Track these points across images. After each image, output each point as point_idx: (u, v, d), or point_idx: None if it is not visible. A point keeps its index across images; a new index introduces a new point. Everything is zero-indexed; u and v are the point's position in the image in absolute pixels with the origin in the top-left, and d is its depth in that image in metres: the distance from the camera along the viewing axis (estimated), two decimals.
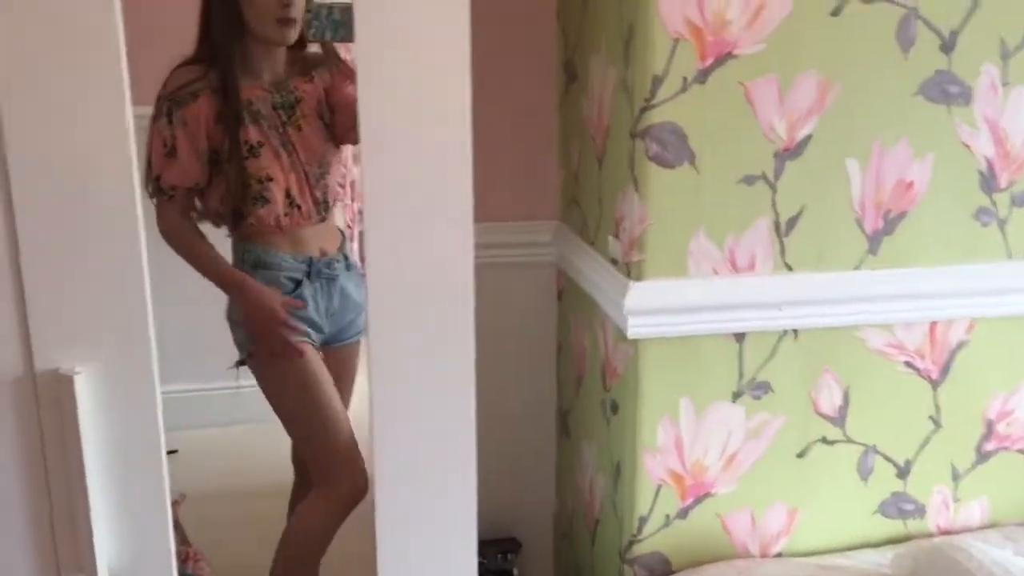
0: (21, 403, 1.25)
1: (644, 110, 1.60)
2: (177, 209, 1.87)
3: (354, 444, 1.97)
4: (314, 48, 1.93)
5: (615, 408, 1.83)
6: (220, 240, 1.98)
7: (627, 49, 1.64)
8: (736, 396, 1.74)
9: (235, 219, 1.89)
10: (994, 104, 1.68)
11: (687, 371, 1.71)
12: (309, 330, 1.95)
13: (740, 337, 1.72)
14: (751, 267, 1.69)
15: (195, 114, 1.80)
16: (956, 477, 1.86)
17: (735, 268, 1.68)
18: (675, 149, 1.61)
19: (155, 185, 1.84)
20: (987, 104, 1.68)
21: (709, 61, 1.58)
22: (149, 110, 1.85)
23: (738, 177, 1.64)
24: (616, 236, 1.75)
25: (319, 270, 1.93)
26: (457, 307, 1.39)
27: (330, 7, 1.63)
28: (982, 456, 1.86)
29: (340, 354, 2.04)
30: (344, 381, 2.07)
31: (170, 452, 3.13)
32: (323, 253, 1.95)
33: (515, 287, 2.22)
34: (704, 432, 1.74)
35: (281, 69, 1.88)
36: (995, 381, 1.83)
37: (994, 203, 1.73)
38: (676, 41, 1.56)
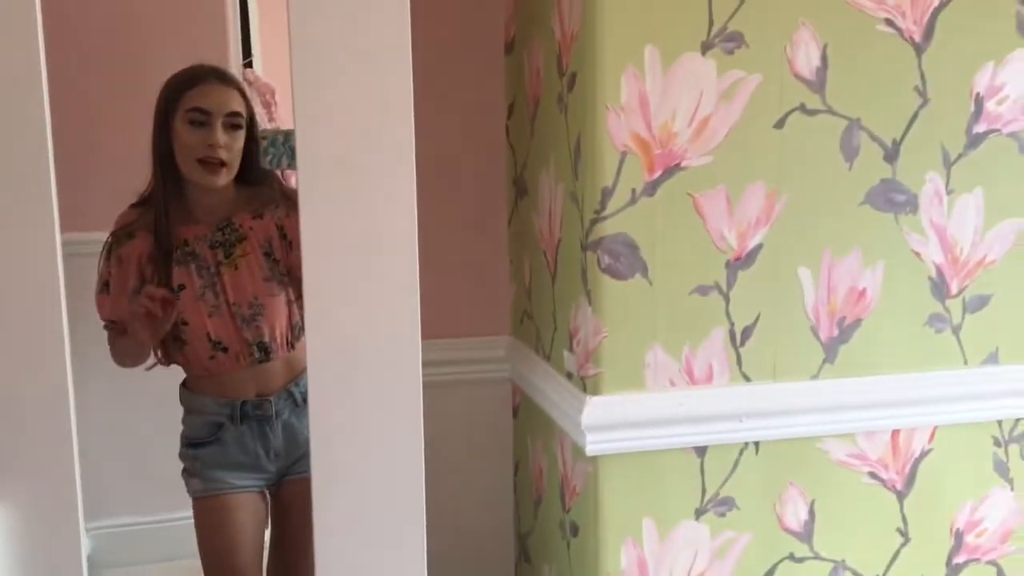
0: None
1: (594, 222, 1.58)
2: (117, 339, 1.87)
3: None
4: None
5: (575, 530, 1.75)
6: None
7: (575, 163, 1.64)
8: (700, 513, 1.68)
9: (168, 361, 1.89)
10: (940, 212, 1.70)
11: (648, 488, 1.65)
12: (225, 475, 1.87)
13: (701, 451, 1.67)
14: (709, 379, 1.65)
15: (129, 253, 1.81)
16: None
17: (692, 380, 1.65)
18: (627, 260, 1.59)
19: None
20: (933, 212, 1.69)
21: (657, 173, 1.58)
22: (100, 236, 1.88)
23: (691, 287, 1.62)
24: (571, 350, 1.71)
25: (247, 412, 1.86)
26: (405, 429, 1.34)
27: (287, 134, 1.59)
28: (953, 570, 1.81)
29: (295, 487, 1.92)
30: (301, 513, 1.94)
31: None
32: (260, 394, 1.87)
33: (470, 404, 2.16)
34: (669, 554, 1.67)
35: (227, 207, 1.84)
36: (961, 490, 1.79)
37: (947, 310, 1.72)
38: (624, 154, 1.57)
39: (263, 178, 1.87)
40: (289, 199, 1.87)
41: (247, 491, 1.91)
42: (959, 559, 1.81)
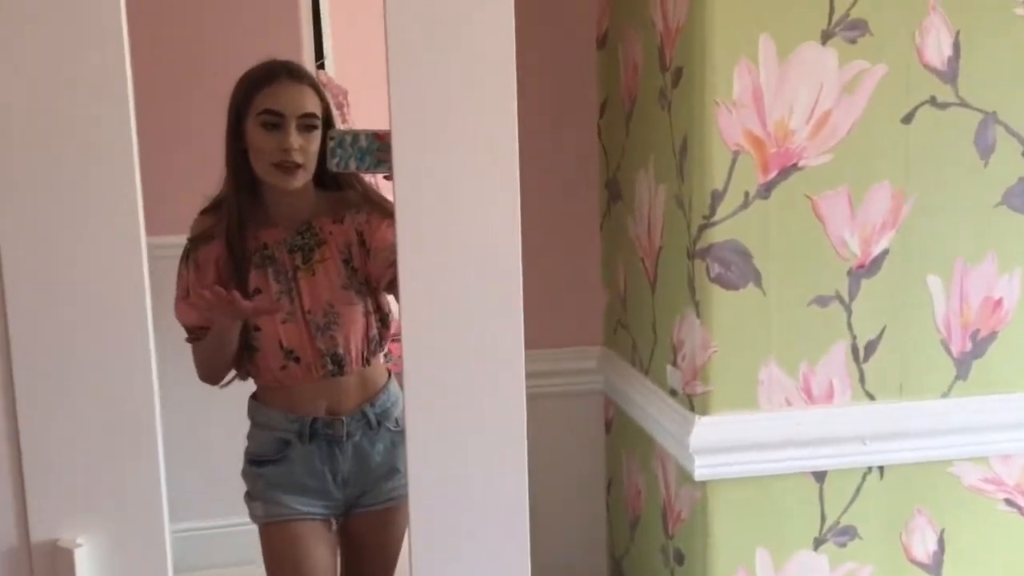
0: None
1: (703, 228, 1.46)
2: (196, 347, 1.77)
3: None
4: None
5: (680, 558, 1.63)
6: None
7: (681, 164, 1.53)
8: (819, 543, 1.55)
9: (241, 370, 1.78)
10: None
11: (762, 516, 1.53)
12: (290, 500, 1.73)
13: (820, 476, 1.53)
14: (829, 397, 1.52)
15: (206, 258, 1.73)
16: None
17: (811, 399, 1.52)
18: (739, 269, 1.47)
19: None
20: None
21: (772, 174, 1.46)
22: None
23: (809, 298, 1.49)
24: (675, 365, 1.60)
25: (316, 431, 1.72)
26: (508, 451, 1.24)
27: (355, 134, 1.48)
28: None
29: (367, 521, 1.78)
30: (374, 550, 1.82)
31: None
32: (332, 412, 1.73)
33: (559, 418, 2.05)
34: None
35: (307, 210, 1.73)
36: None
37: None
38: (736, 154, 1.44)
39: (345, 181, 1.78)
40: (372, 203, 1.78)
41: (313, 519, 1.75)
42: None
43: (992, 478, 1.58)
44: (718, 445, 1.49)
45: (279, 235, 1.73)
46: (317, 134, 1.68)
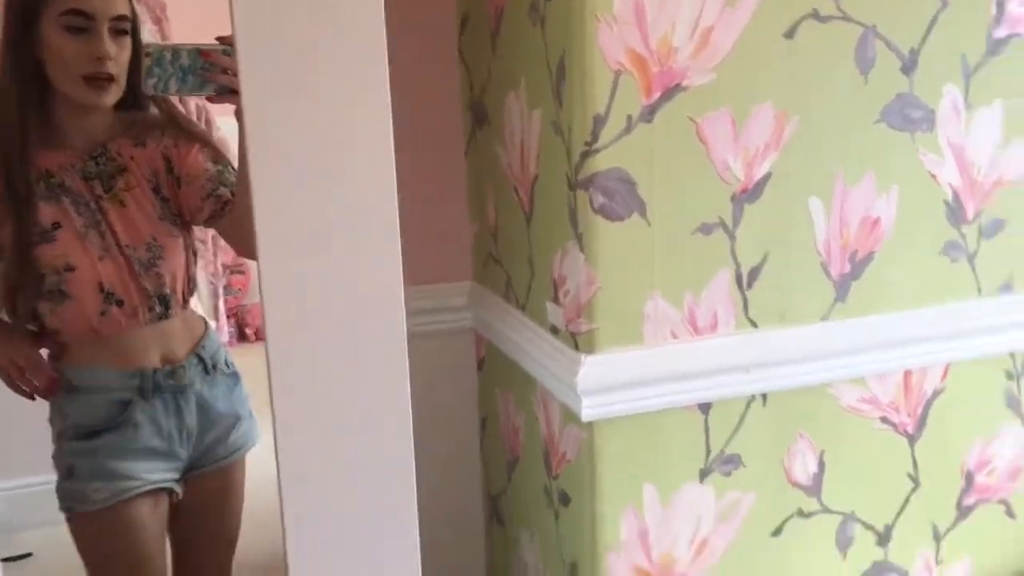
0: None
1: (585, 156, 1.36)
2: None
3: None
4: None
5: (565, 499, 1.57)
6: None
7: (558, 86, 1.41)
8: (704, 475, 1.52)
9: (39, 326, 1.50)
10: (957, 128, 1.53)
11: (649, 452, 1.48)
12: (139, 469, 1.51)
13: (705, 408, 1.50)
14: (713, 327, 1.47)
15: None
16: (938, 538, 1.69)
17: (696, 330, 1.46)
18: (623, 199, 1.38)
19: None
20: (951, 129, 1.52)
21: (656, 95, 1.36)
22: None
23: (694, 226, 1.43)
24: (556, 301, 1.51)
25: (158, 384, 1.51)
26: (388, 386, 1.14)
27: (175, 50, 1.28)
28: (963, 512, 1.70)
29: (212, 481, 1.61)
30: (221, 512, 1.65)
31: (22, 556, 2.67)
32: (167, 360, 1.54)
33: (428, 357, 1.94)
34: (672, 520, 1.51)
35: (101, 132, 1.49)
36: (973, 428, 1.67)
37: (963, 236, 1.57)
38: (618, 74, 1.34)
39: (146, 100, 1.52)
40: (178, 126, 1.53)
41: (161, 488, 1.54)
42: (969, 500, 1.70)
43: (869, 397, 1.58)
44: (605, 384, 1.42)
45: (65, 160, 1.46)
46: (127, 41, 1.43)
